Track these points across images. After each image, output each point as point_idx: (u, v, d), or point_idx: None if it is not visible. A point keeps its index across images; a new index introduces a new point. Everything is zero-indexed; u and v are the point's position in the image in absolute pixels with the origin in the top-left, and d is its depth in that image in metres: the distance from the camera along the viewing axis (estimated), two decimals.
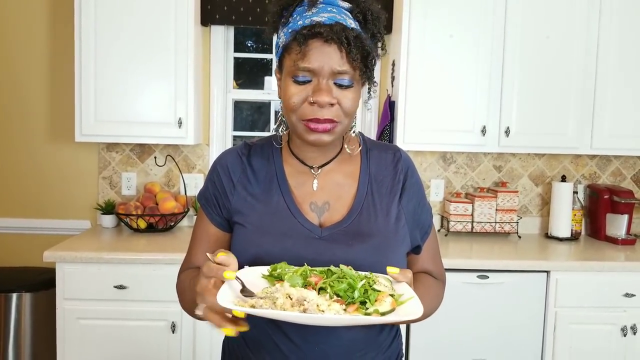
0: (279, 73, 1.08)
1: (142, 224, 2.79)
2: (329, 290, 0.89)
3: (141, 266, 2.37)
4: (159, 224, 2.81)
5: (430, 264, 1.20)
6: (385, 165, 1.14)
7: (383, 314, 0.86)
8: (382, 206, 1.10)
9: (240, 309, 0.81)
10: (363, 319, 0.84)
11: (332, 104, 0.99)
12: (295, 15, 1.02)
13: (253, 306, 0.85)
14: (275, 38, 1.09)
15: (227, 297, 0.85)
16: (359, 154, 1.15)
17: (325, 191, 1.10)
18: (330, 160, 1.12)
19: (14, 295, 2.62)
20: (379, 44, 1.06)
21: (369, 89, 1.08)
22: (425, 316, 1.11)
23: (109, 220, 2.90)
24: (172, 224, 2.86)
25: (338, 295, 0.89)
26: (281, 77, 1.06)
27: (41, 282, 2.67)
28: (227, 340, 1.18)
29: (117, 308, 2.38)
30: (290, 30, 1.01)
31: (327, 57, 0.97)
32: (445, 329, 2.47)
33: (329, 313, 0.83)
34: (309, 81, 0.99)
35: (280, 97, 1.09)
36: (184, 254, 1.19)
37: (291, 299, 0.85)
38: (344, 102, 1.00)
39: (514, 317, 2.49)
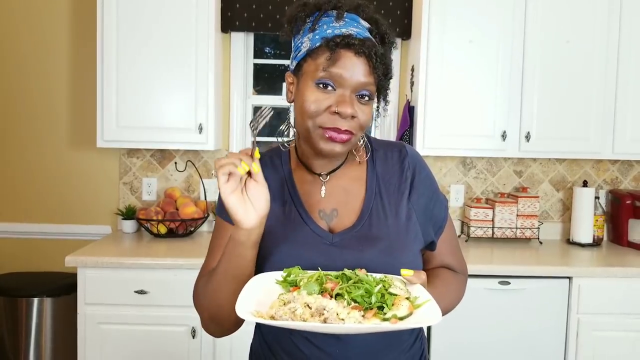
0: (292, 76, 1.08)
1: (163, 229, 2.81)
2: (346, 296, 0.90)
3: (162, 271, 2.38)
4: (179, 229, 2.82)
5: (449, 258, 1.20)
6: (392, 164, 1.14)
7: (401, 318, 0.87)
8: (391, 207, 1.10)
9: (261, 321, 0.82)
10: (383, 326, 0.85)
11: (353, 117, 1.00)
12: (322, 24, 1.03)
13: (273, 317, 0.85)
14: (294, 41, 1.08)
15: (246, 308, 0.86)
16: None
17: (332, 198, 1.11)
18: (338, 167, 1.13)
19: (36, 300, 2.64)
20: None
21: (377, 107, 1.09)
22: (445, 312, 1.11)
23: (129, 226, 2.92)
24: (192, 229, 2.87)
25: (355, 301, 0.89)
26: (297, 80, 1.06)
27: (62, 287, 2.69)
28: (255, 344, 1.19)
29: (137, 313, 2.39)
30: (319, 37, 1.01)
31: (355, 68, 0.99)
32: (467, 335, 2.45)
33: (349, 321, 0.84)
34: (333, 90, 1.00)
35: (290, 101, 1.09)
36: (204, 259, 1.17)
37: (310, 308, 0.86)
38: (361, 116, 1.01)
39: (535, 323, 2.46)
